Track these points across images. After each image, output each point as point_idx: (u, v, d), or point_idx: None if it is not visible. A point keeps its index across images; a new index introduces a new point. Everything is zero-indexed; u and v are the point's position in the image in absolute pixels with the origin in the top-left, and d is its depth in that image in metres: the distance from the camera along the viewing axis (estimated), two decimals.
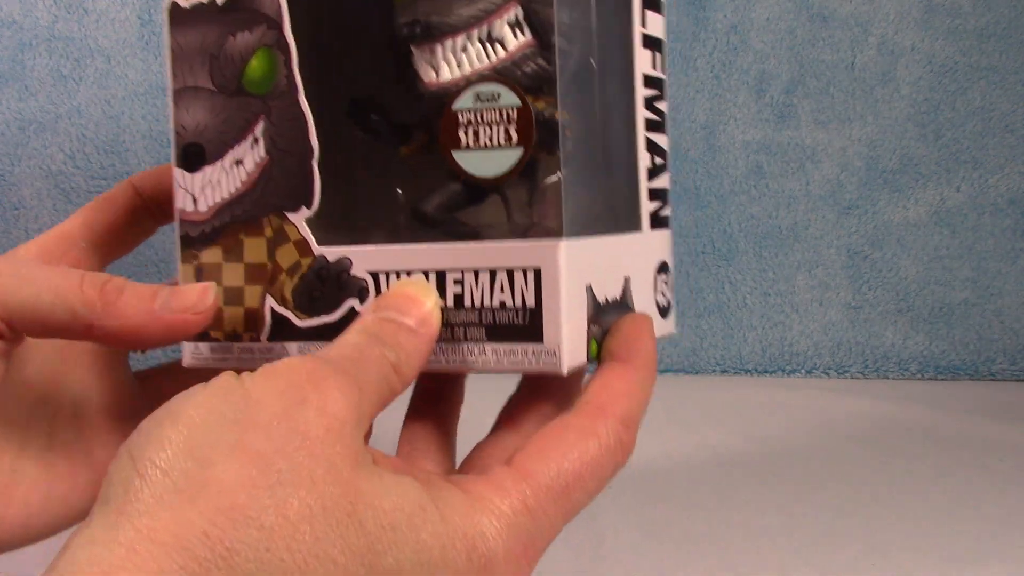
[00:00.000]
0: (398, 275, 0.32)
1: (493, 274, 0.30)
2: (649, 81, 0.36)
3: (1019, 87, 0.77)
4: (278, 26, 0.34)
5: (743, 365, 0.80)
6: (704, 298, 0.80)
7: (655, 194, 0.36)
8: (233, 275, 0.34)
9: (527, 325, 0.30)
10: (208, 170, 0.34)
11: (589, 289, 0.31)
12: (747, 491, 0.56)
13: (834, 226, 0.79)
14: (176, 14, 0.35)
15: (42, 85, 0.77)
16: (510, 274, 0.30)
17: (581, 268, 0.31)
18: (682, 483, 0.57)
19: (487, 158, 0.31)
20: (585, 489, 0.27)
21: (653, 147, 0.36)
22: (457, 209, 0.32)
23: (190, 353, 0.34)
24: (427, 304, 0.30)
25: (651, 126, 0.36)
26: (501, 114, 0.31)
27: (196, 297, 0.32)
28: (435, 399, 0.34)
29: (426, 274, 0.31)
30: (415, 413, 0.33)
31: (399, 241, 0.32)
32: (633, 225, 0.35)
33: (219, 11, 0.35)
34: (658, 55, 0.37)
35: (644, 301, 0.35)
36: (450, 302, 0.31)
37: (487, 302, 0.30)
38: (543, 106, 0.31)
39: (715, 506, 0.54)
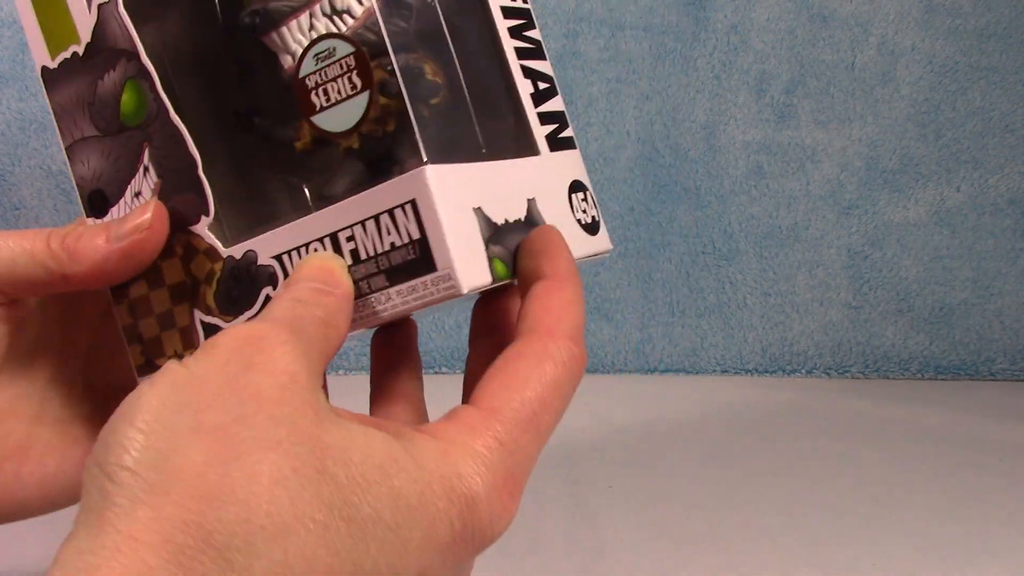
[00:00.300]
0: (298, 252, 0.32)
1: (377, 219, 0.31)
2: (509, 12, 0.36)
3: (1019, 87, 0.77)
4: (135, 56, 0.35)
5: (743, 365, 0.80)
6: (704, 298, 0.80)
7: (547, 117, 0.36)
8: (160, 301, 0.35)
9: (419, 257, 0.30)
10: (114, 211, 0.36)
11: (479, 211, 0.31)
12: (747, 491, 0.56)
13: (834, 226, 0.79)
14: (48, 76, 0.37)
15: (42, 85, 0.77)
16: (391, 214, 0.31)
17: (461, 192, 0.31)
18: (682, 483, 0.57)
19: (341, 112, 0.31)
20: (552, 411, 0.28)
21: (531, 73, 0.36)
22: (364, 184, 0.32)
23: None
24: (334, 268, 0.31)
25: (523, 54, 0.36)
26: (341, 66, 0.31)
27: (139, 215, 0.34)
28: (391, 364, 0.34)
29: (321, 241, 0.32)
30: (377, 384, 0.34)
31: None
32: (526, 150, 0.35)
33: (82, 61, 0.36)
34: None
35: (561, 221, 0.35)
36: (349, 260, 0.31)
37: (379, 248, 0.31)
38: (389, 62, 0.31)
39: (715, 506, 0.54)
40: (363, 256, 0.31)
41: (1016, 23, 0.76)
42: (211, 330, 0.34)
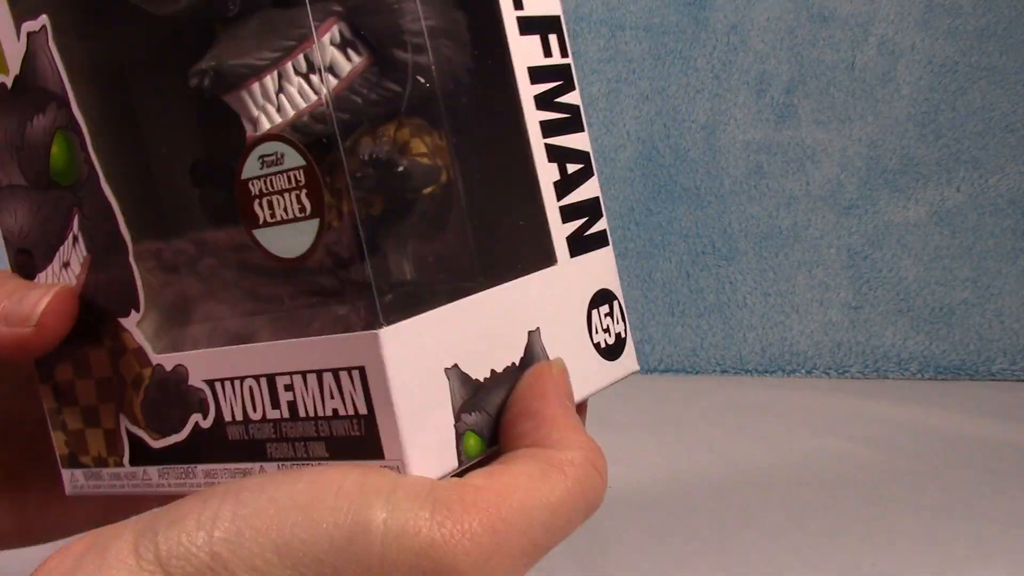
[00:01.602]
0: (232, 384, 0.27)
1: (320, 376, 0.25)
2: (539, 74, 0.29)
3: (1019, 87, 0.77)
4: (66, 103, 0.29)
5: (743, 365, 0.80)
6: (704, 298, 0.80)
7: (572, 212, 0.30)
8: (86, 393, 0.30)
9: (364, 436, 0.25)
10: (41, 276, 0.31)
11: (454, 370, 0.25)
12: (747, 491, 0.56)
13: (834, 226, 0.79)
14: None
15: None
16: (335, 376, 0.25)
17: (432, 350, 0.25)
18: (682, 483, 0.57)
19: (286, 234, 0.25)
20: (551, 533, 0.25)
21: (559, 154, 0.30)
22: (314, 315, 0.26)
23: (68, 482, 0.31)
24: None
25: (552, 129, 0.29)
26: (289, 179, 0.25)
27: (30, 306, 0.28)
28: None
29: (257, 380, 0.26)
30: None
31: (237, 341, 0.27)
32: (539, 261, 0.29)
33: (11, 94, 0.30)
34: (552, 36, 0.30)
35: (574, 350, 0.29)
36: (286, 412, 0.26)
37: (320, 410, 0.25)
38: (408, 138, 0.25)
39: (715, 506, 0.54)
40: (302, 414, 0.26)
41: (1016, 23, 0.76)
42: (136, 444, 0.29)
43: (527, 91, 0.29)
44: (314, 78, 0.25)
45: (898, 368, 0.79)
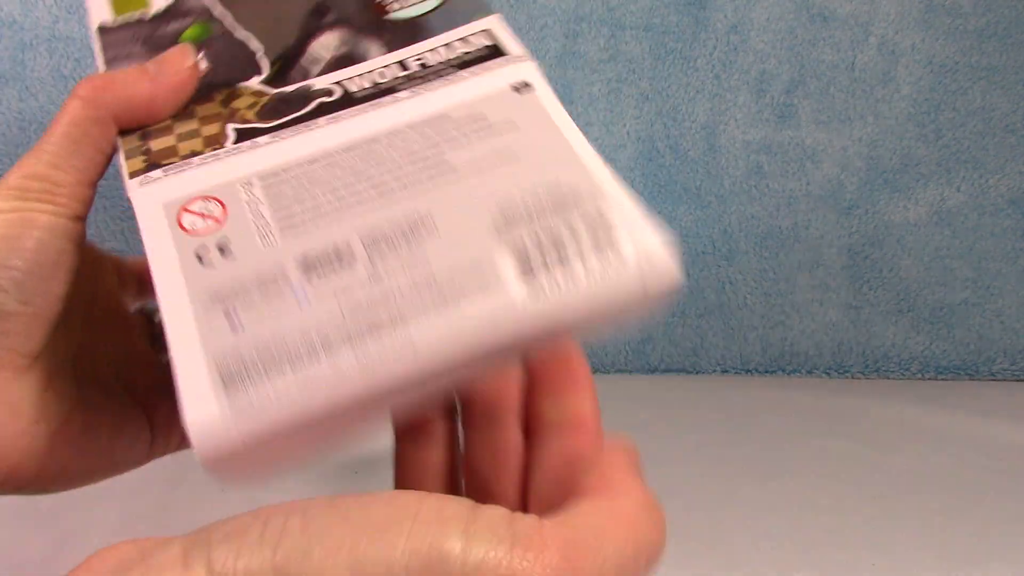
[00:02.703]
0: (362, 76, 0.32)
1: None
2: None
3: (1019, 87, 0.77)
4: (208, 10, 0.36)
5: (743, 365, 0.80)
6: (704, 298, 0.80)
7: None
8: (184, 125, 0.33)
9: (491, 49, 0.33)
10: None
11: None
12: (747, 491, 0.56)
13: (834, 226, 0.79)
14: (104, 31, 0.37)
15: (42, 85, 0.77)
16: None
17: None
18: (682, 483, 0.57)
19: (415, 9, 0.34)
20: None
21: None
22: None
23: (134, 188, 0.32)
24: None
25: None
26: None
27: (179, 55, 0.33)
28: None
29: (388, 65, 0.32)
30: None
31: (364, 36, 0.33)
32: None
33: (148, 21, 0.36)
34: None
35: None
36: (415, 67, 0.32)
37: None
38: None
39: (715, 506, 0.54)
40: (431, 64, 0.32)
41: (1016, 23, 0.76)
42: (245, 130, 0.32)
43: None
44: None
45: (898, 368, 0.79)
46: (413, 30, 0.33)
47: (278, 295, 0.26)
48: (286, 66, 0.34)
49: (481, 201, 0.27)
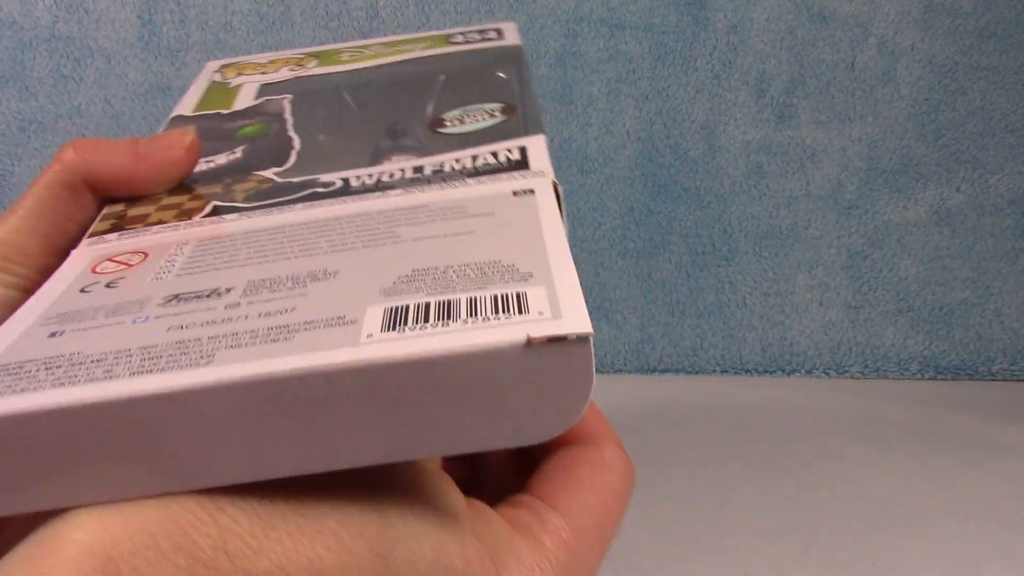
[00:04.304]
0: (370, 175, 0.31)
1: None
2: None
3: (1019, 87, 0.77)
4: (280, 114, 0.37)
5: (743, 365, 0.80)
6: (704, 298, 0.80)
7: None
8: (174, 199, 0.32)
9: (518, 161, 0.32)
10: None
11: None
12: (747, 491, 0.56)
13: (834, 226, 0.79)
14: (177, 120, 0.37)
15: (42, 85, 0.77)
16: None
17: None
18: (682, 483, 0.57)
19: (468, 127, 0.33)
20: (615, 522, 0.27)
21: None
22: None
23: (81, 247, 0.30)
24: None
25: None
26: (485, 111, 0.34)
27: (177, 135, 0.32)
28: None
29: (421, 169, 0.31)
30: None
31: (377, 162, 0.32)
32: None
33: (223, 116, 0.37)
34: None
35: None
36: (430, 171, 0.31)
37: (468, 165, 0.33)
38: None
39: (715, 506, 0.54)
40: (446, 170, 0.31)
41: (1016, 23, 0.76)
42: (218, 210, 0.30)
43: None
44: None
45: (898, 368, 0.79)
46: (460, 141, 0.33)
47: (121, 319, 0.23)
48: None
49: (395, 266, 0.24)
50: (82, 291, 0.26)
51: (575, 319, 0.21)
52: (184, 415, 0.20)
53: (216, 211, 0.30)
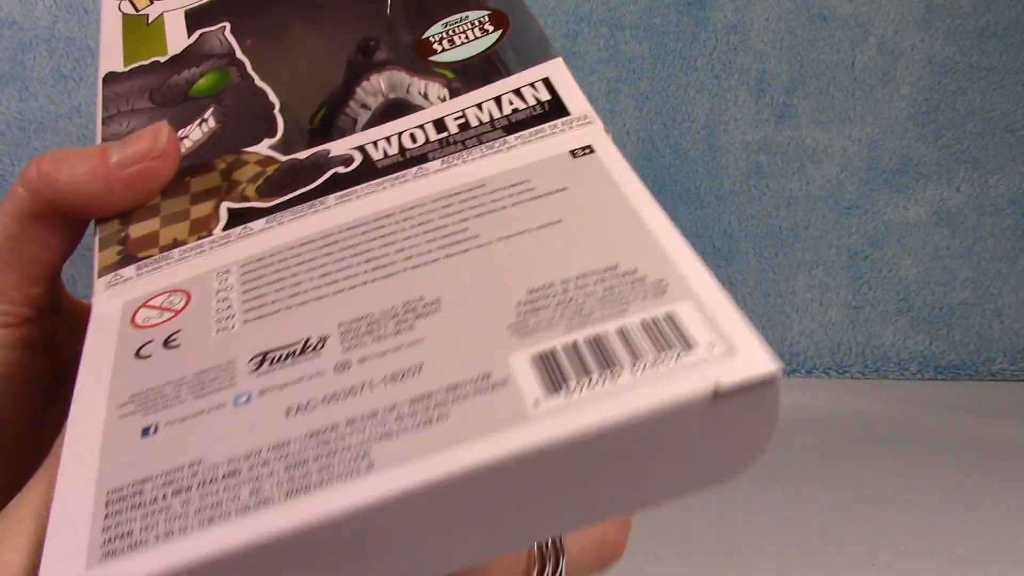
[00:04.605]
0: (388, 140, 0.28)
1: (499, 99, 0.28)
2: None
3: (1019, 87, 0.77)
4: (229, 53, 0.32)
5: None
6: None
7: None
8: (175, 204, 0.28)
9: (547, 110, 0.28)
10: None
11: None
12: (747, 491, 0.56)
13: (834, 226, 0.79)
14: (111, 78, 0.32)
15: (42, 85, 0.77)
16: (517, 92, 0.28)
17: None
18: None
19: (463, 51, 0.29)
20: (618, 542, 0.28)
21: None
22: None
23: (99, 288, 0.26)
24: None
25: None
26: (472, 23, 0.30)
27: (150, 137, 0.28)
28: None
29: (422, 126, 0.27)
30: None
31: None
32: None
33: (162, 65, 0.32)
34: None
35: None
36: (454, 128, 0.27)
37: (496, 114, 0.29)
38: None
39: (715, 506, 0.54)
40: (473, 123, 0.27)
41: (1016, 23, 0.76)
42: (241, 212, 0.27)
43: None
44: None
45: (898, 368, 0.79)
46: (464, 76, 0.29)
47: (216, 399, 0.20)
48: (330, 116, 0.29)
49: (502, 285, 0.21)
50: (138, 356, 0.23)
51: (754, 353, 0.19)
52: (354, 535, 0.18)
53: (235, 218, 0.26)
